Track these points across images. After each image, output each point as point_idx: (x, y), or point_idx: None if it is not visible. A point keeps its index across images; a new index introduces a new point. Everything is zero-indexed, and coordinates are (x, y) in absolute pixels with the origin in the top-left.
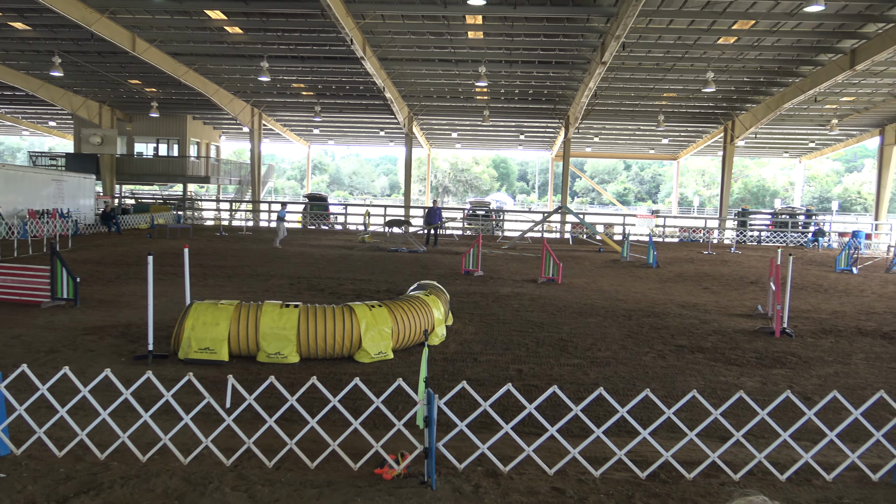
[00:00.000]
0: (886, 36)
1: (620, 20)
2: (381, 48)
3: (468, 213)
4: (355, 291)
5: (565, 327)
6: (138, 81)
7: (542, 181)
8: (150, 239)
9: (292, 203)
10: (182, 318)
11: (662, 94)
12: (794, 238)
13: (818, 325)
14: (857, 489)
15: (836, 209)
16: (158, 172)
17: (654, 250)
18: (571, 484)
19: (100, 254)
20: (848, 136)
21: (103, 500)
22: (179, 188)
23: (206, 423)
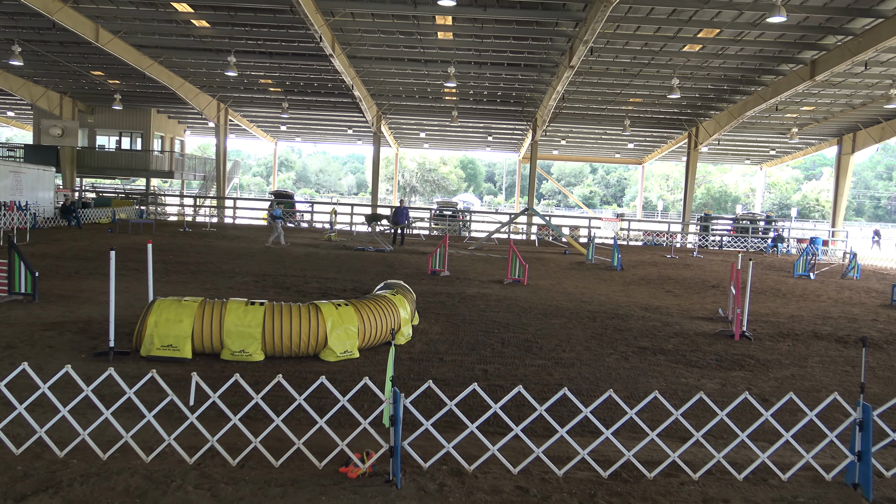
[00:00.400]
0: (845, 48)
1: (589, 25)
2: (351, 46)
3: (435, 214)
4: (321, 290)
5: (530, 328)
6: (101, 73)
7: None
8: (112, 234)
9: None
10: (144, 315)
11: (629, 99)
12: (754, 243)
13: (776, 328)
14: (812, 488)
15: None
16: (121, 166)
17: (618, 253)
18: (535, 483)
19: (59, 248)
20: (807, 144)
21: (62, 499)
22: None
23: (168, 421)
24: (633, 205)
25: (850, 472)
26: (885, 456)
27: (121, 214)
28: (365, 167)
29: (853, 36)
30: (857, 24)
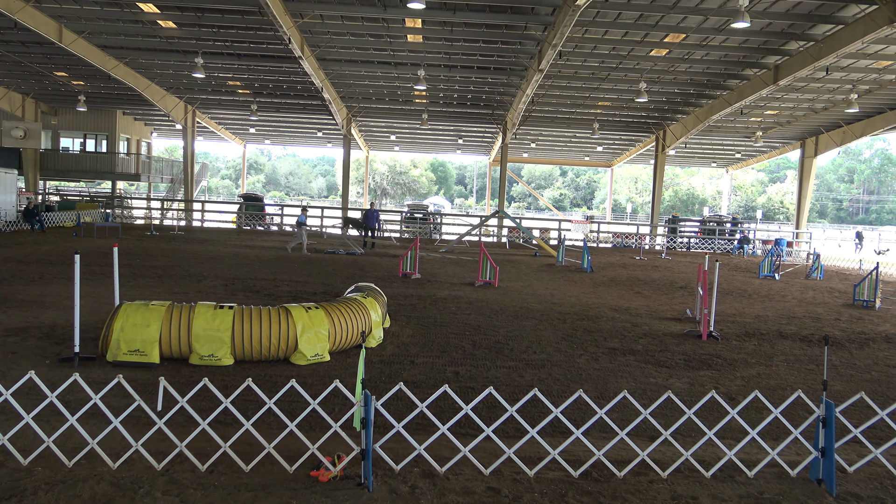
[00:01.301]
0: (807, 53)
1: (557, 29)
2: (320, 48)
3: (406, 216)
4: (291, 293)
5: (501, 330)
6: (65, 74)
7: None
8: (77, 237)
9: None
10: (111, 320)
11: (597, 103)
12: (720, 245)
13: (742, 328)
14: (777, 484)
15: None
16: (86, 169)
17: (588, 255)
18: (507, 483)
19: (22, 252)
20: (771, 147)
21: None
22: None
23: (136, 427)
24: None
25: (815, 467)
26: (847, 452)
27: (86, 218)
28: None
29: (815, 42)
30: (819, 31)
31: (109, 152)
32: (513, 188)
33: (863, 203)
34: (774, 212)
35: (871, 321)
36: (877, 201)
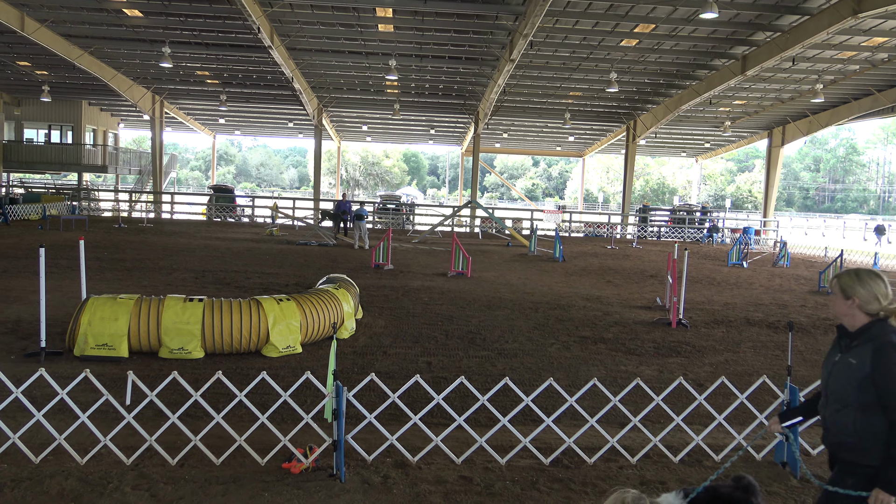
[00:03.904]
0: (774, 44)
1: (528, 19)
2: (290, 38)
3: (378, 207)
4: (263, 285)
5: (474, 320)
6: (28, 63)
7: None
8: (42, 230)
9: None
10: (78, 314)
11: (569, 93)
12: (690, 234)
13: (711, 316)
14: (744, 468)
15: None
16: (51, 160)
17: (560, 245)
18: (479, 472)
19: None
20: (740, 137)
21: None
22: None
23: (104, 422)
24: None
25: (779, 451)
26: (811, 435)
27: (51, 210)
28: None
29: (781, 32)
30: (785, 21)
31: (75, 143)
32: (485, 178)
33: (828, 192)
34: (743, 201)
35: None
36: (842, 190)
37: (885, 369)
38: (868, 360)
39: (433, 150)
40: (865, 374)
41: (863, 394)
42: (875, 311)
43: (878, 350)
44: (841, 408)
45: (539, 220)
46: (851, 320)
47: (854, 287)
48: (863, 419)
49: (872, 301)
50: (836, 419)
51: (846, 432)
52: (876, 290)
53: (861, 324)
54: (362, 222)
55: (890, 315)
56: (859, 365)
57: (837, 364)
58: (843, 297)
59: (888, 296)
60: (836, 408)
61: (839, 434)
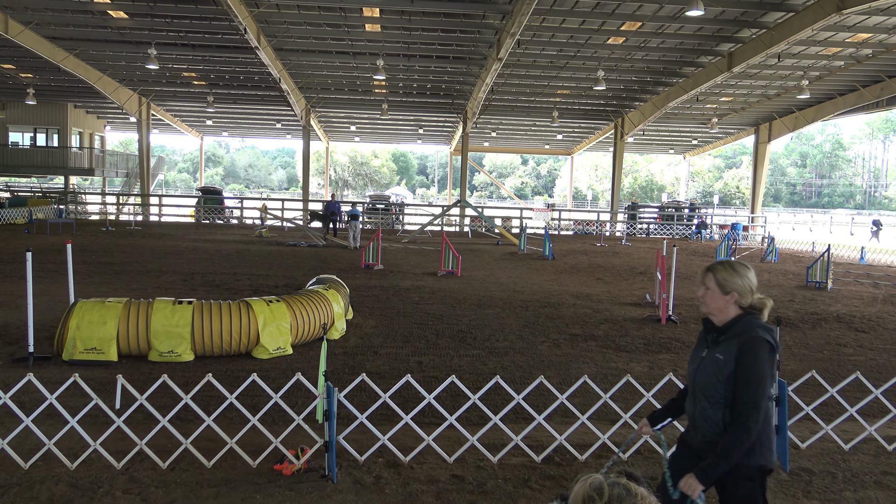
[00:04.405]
0: (759, 41)
1: (515, 18)
2: (277, 38)
3: (368, 207)
4: (252, 287)
5: (464, 319)
6: (12, 66)
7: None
8: (29, 234)
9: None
10: (66, 318)
11: (556, 91)
12: (679, 230)
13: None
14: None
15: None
16: (36, 164)
17: (549, 243)
18: (470, 471)
19: None
20: (727, 134)
21: None
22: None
23: (94, 426)
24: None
25: None
26: (801, 429)
27: (38, 214)
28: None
29: (767, 29)
30: (771, 18)
31: (61, 146)
32: (474, 177)
33: (815, 187)
34: (731, 197)
35: (824, 302)
36: (828, 185)
37: (748, 364)
38: (733, 355)
39: (422, 150)
40: (731, 370)
41: (730, 391)
42: (747, 304)
43: (744, 345)
44: (709, 406)
45: (528, 219)
46: (723, 315)
47: (732, 281)
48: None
49: (747, 294)
50: (704, 417)
51: (716, 431)
52: (750, 283)
53: (730, 318)
54: (356, 222)
55: (759, 308)
56: (726, 360)
57: (704, 360)
58: (722, 291)
59: (757, 288)
60: (704, 405)
61: (708, 433)
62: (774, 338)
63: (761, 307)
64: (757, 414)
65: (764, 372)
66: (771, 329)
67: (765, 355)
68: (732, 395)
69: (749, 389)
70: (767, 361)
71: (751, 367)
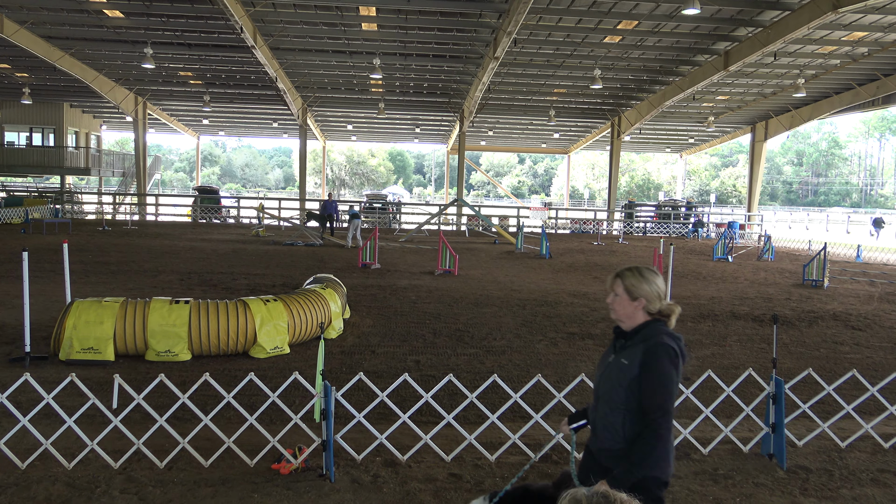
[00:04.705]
0: (755, 39)
1: (511, 16)
2: (273, 37)
3: (365, 206)
4: (249, 286)
5: (462, 318)
6: (7, 66)
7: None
8: (25, 234)
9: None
10: (62, 317)
11: (553, 90)
12: (676, 229)
13: (697, 310)
14: (731, 460)
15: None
16: (32, 163)
17: (546, 242)
18: (468, 469)
19: None
20: (723, 132)
21: None
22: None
23: (91, 426)
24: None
25: (766, 443)
26: (797, 427)
27: (34, 214)
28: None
29: (763, 28)
30: (767, 16)
31: (57, 146)
32: (471, 176)
33: (811, 185)
34: (727, 195)
35: (820, 300)
36: (825, 183)
37: (653, 370)
38: (637, 360)
39: (419, 149)
40: (634, 376)
41: (631, 397)
42: (655, 310)
43: (648, 350)
44: (609, 411)
45: (525, 218)
46: (631, 321)
47: (640, 287)
48: (632, 424)
49: (654, 300)
50: (604, 424)
51: (615, 438)
52: (658, 290)
53: (638, 324)
54: (357, 220)
55: (667, 315)
56: (630, 366)
57: (610, 365)
58: (630, 298)
59: (665, 293)
60: (605, 411)
61: (606, 440)
62: (680, 346)
63: (669, 313)
64: (667, 420)
65: (670, 377)
66: (678, 337)
67: (669, 361)
68: (636, 402)
69: (656, 396)
70: (672, 368)
71: (656, 373)
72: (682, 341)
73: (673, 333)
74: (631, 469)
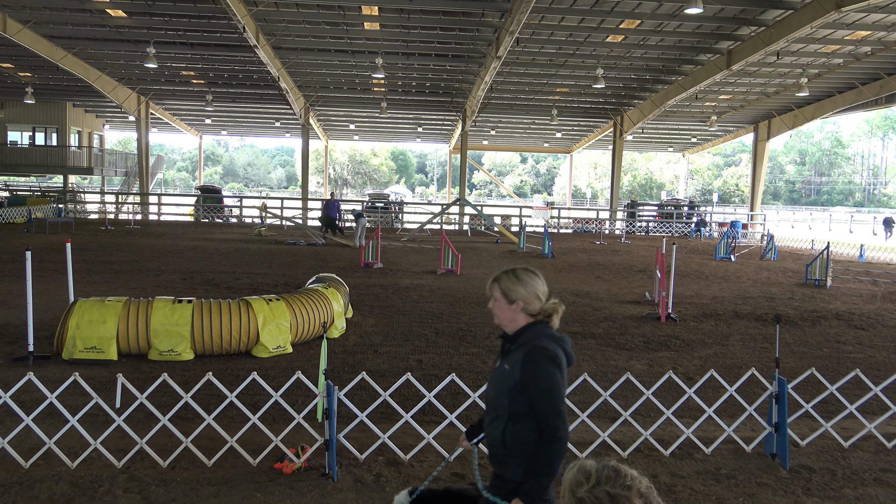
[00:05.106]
0: (758, 38)
1: (514, 16)
2: (276, 37)
3: (367, 206)
4: (252, 285)
5: (464, 317)
6: (10, 65)
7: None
8: (28, 234)
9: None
10: (66, 317)
11: (555, 90)
12: (678, 228)
13: (700, 309)
14: (734, 460)
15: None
16: (35, 163)
17: (549, 241)
18: (471, 469)
19: None
20: (726, 132)
21: None
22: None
23: (94, 425)
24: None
25: (769, 442)
26: (800, 426)
27: (37, 213)
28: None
29: (766, 27)
30: (770, 16)
31: (60, 145)
32: (474, 176)
33: (814, 185)
34: (730, 195)
35: (823, 299)
36: (828, 183)
37: (533, 373)
38: (518, 365)
39: (421, 148)
40: (516, 381)
41: (513, 402)
42: (535, 311)
43: (527, 354)
44: (494, 418)
45: (527, 217)
46: (513, 324)
47: (516, 289)
48: (512, 430)
49: (533, 301)
50: (490, 430)
51: (496, 444)
52: (536, 289)
53: (520, 327)
54: (363, 219)
55: (549, 315)
56: (511, 371)
57: (496, 371)
58: (507, 301)
59: (547, 293)
60: (491, 418)
61: (491, 445)
62: (564, 347)
63: (551, 313)
64: (562, 421)
65: (553, 379)
66: (561, 339)
67: (552, 363)
68: (517, 408)
69: (546, 399)
70: (554, 369)
71: (539, 377)
72: (566, 342)
73: (555, 335)
74: (539, 480)
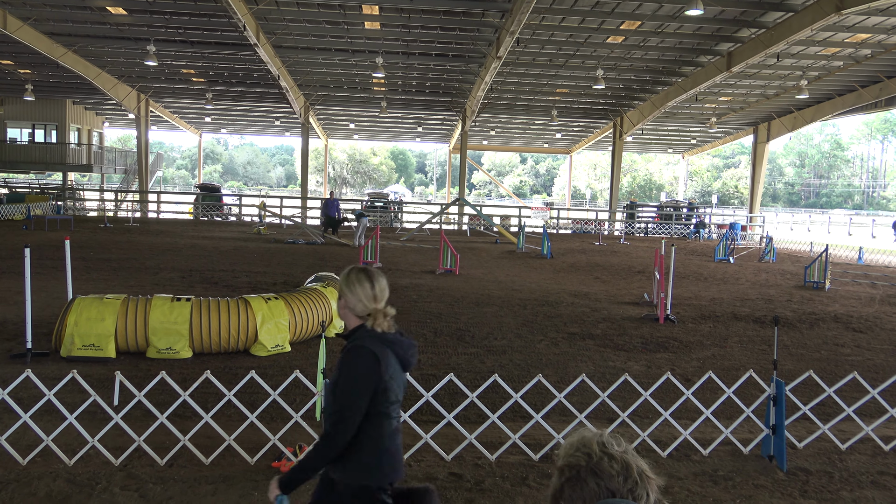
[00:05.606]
0: (758, 40)
1: (514, 16)
2: (276, 35)
3: (366, 205)
4: (251, 284)
5: (463, 317)
6: (10, 62)
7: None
8: (27, 231)
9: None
10: (64, 314)
11: (555, 90)
12: (677, 230)
13: (698, 311)
14: (731, 462)
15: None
16: (35, 160)
17: (548, 241)
18: (468, 469)
19: None
20: (725, 133)
21: None
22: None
23: (92, 423)
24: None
25: (766, 444)
26: (797, 428)
27: (36, 210)
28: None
29: (766, 29)
30: (770, 18)
31: (60, 143)
32: (473, 176)
33: (813, 187)
34: (729, 196)
35: (821, 302)
36: (827, 185)
37: (341, 374)
38: (338, 364)
39: (421, 148)
40: (334, 380)
41: (334, 402)
42: (361, 312)
43: (344, 354)
44: (327, 417)
45: (527, 217)
46: (348, 324)
47: (343, 290)
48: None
49: (357, 303)
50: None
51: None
52: (361, 292)
53: (352, 327)
54: (364, 219)
55: (374, 317)
56: (335, 370)
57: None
58: (342, 301)
59: (375, 297)
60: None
61: None
62: (397, 349)
63: (375, 316)
64: (340, 425)
65: (354, 382)
66: (394, 341)
67: (362, 364)
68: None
69: (339, 399)
70: (366, 371)
71: (344, 377)
72: (403, 346)
73: (387, 337)
74: (298, 470)
